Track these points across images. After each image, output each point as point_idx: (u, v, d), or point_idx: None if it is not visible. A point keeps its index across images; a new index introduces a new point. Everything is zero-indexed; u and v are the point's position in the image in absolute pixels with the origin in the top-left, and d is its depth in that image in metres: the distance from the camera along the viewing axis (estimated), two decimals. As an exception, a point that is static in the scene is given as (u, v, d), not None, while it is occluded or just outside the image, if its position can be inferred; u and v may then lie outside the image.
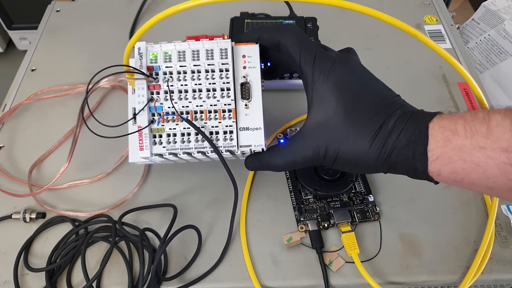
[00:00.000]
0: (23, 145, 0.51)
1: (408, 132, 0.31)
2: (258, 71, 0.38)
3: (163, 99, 0.38)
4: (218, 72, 0.38)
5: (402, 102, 0.34)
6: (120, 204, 0.45)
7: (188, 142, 0.37)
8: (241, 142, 0.37)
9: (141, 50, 0.39)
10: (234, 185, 0.40)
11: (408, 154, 0.31)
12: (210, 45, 0.38)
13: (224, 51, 0.38)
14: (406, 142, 0.31)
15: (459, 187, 0.31)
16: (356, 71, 0.35)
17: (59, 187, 0.47)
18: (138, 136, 0.37)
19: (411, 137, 0.31)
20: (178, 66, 0.38)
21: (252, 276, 0.40)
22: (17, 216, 0.44)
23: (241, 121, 0.38)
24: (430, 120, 0.31)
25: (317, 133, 0.34)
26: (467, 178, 0.29)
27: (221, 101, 0.38)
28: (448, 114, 0.31)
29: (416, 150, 0.31)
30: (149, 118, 0.37)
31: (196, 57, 0.38)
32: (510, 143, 0.26)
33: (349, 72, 0.34)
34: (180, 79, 0.38)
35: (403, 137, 0.31)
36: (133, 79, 0.38)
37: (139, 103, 0.37)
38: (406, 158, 0.31)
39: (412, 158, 0.31)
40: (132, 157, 0.39)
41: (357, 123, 0.33)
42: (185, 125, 0.37)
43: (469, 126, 0.29)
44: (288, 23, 0.51)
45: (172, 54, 0.39)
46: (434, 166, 0.30)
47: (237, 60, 0.38)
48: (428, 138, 0.30)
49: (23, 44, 1.30)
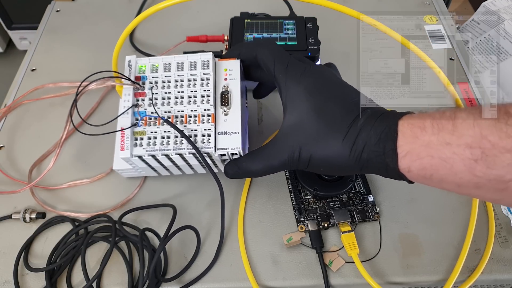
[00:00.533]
0: (23, 145, 0.51)
1: (378, 129, 0.32)
2: (238, 82, 0.41)
3: (147, 105, 0.40)
4: (200, 81, 0.41)
5: (374, 104, 0.35)
6: (121, 205, 0.45)
7: (167, 144, 0.39)
8: (218, 145, 0.39)
9: (131, 62, 0.42)
10: (218, 182, 0.41)
11: (379, 151, 0.32)
12: (193, 57, 0.42)
13: (206, 62, 0.42)
14: (377, 139, 0.32)
15: (430, 185, 0.32)
16: (327, 77, 0.37)
17: (59, 187, 0.47)
18: (120, 138, 0.39)
19: (381, 134, 0.32)
20: (164, 76, 0.42)
21: (249, 276, 0.40)
22: (17, 216, 0.44)
23: (220, 126, 0.40)
24: (400, 118, 0.32)
25: (290, 136, 0.36)
26: (436, 175, 0.30)
27: (201, 106, 0.40)
28: (418, 113, 0.32)
29: (386, 147, 0.31)
30: (132, 121, 0.40)
31: (181, 68, 0.42)
32: (473, 139, 0.27)
33: (320, 77, 0.36)
34: (164, 87, 0.41)
35: (373, 135, 0.32)
36: (121, 84, 0.40)
37: (124, 107, 0.40)
38: (377, 155, 0.32)
39: (383, 155, 0.31)
40: (117, 165, 0.43)
41: (328, 123, 0.34)
42: (165, 129, 0.40)
43: (436, 123, 0.29)
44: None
45: (158, 66, 0.42)
46: (404, 162, 0.31)
47: (219, 73, 0.42)
48: (398, 134, 0.31)
49: (23, 44, 1.30)
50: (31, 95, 0.56)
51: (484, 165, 0.27)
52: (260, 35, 0.53)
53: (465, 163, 0.28)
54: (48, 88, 0.57)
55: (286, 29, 0.53)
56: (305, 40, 0.52)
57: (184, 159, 0.40)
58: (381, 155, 0.32)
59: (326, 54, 0.59)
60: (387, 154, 0.31)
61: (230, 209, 0.45)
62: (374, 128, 0.32)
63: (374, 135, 0.32)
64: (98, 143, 0.49)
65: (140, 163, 0.41)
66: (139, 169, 0.43)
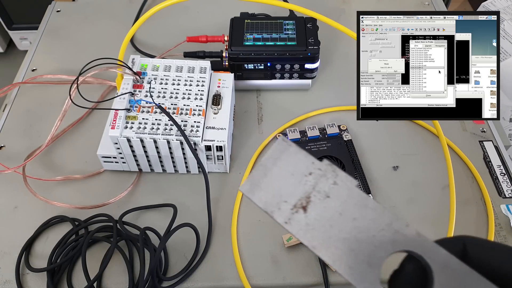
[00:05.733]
0: (23, 145, 0.51)
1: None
2: (230, 90, 0.47)
3: (143, 96, 0.44)
4: (196, 82, 0.45)
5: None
6: (115, 201, 0.45)
7: (157, 129, 0.42)
8: (205, 137, 0.43)
9: (135, 60, 0.47)
10: (203, 171, 0.44)
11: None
12: (192, 63, 0.47)
13: (204, 68, 0.46)
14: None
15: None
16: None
17: (52, 179, 0.47)
18: (113, 118, 0.42)
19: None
20: (163, 75, 0.46)
21: (241, 274, 0.40)
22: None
23: (209, 121, 0.44)
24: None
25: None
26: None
27: (194, 102, 0.44)
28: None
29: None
30: (127, 106, 0.43)
31: (180, 70, 0.46)
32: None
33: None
34: (162, 83, 0.45)
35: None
36: (122, 72, 0.44)
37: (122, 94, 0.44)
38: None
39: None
40: (102, 150, 0.45)
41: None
42: (156, 117, 0.43)
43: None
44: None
45: (159, 66, 0.46)
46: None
47: (214, 81, 0.47)
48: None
49: (23, 44, 1.30)
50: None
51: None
52: (260, 35, 0.53)
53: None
54: (48, 87, 0.57)
55: (286, 29, 0.53)
56: (305, 40, 0.52)
57: (170, 149, 0.43)
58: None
59: (326, 54, 0.59)
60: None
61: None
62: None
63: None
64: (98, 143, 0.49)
65: (126, 149, 0.43)
66: (123, 159, 0.45)
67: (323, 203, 0.22)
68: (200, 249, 0.42)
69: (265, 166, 0.23)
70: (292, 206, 0.22)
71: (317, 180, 0.22)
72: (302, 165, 0.22)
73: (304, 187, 0.22)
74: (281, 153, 0.23)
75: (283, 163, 0.23)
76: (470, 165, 0.49)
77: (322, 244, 0.21)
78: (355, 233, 0.21)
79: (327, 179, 0.22)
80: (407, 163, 0.49)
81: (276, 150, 0.23)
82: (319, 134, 0.50)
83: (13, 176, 0.47)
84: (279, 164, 0.23)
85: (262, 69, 0.53)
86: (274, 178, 0.23)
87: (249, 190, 0.23)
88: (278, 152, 0.23)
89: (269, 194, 0.23)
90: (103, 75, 0.53)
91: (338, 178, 0.22)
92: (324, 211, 0.22)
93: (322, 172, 0.22)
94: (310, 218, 0.22)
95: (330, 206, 0.21)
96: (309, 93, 0.57)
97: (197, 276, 0.41)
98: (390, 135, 0.52)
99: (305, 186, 0.22)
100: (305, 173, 0.22)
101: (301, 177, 0.22)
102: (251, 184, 0.23)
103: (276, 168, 0.23)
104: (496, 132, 0.52)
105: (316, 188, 0.22)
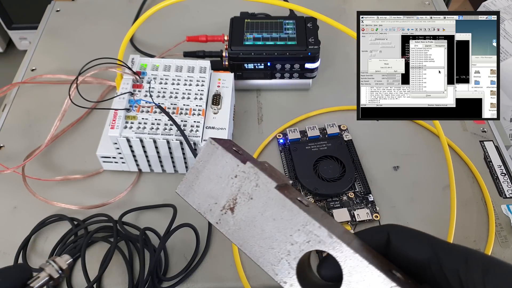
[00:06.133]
0: (22, 145, 0.51)
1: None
2: (230, 90, 0.46)
3: (143, 96, 0.44)
4: (195, 82, 0.45)
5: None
6: (114, 201, 0.45)
7: (156, 129, 0.42)
8: (205, 137, 0.42)
9: (134, 59, 0.46)
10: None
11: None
12: (192, 63, 0.46)
13: (204, 68, 0.46)
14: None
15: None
16: None
17: (51, 179, 0.47)
18: (112, 117, 0.42)
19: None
20: (163, 74, 0.45)
21: (241, 274, 0.40)
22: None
23: (209, 121, 0.44)
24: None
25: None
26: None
27: (193, 102, 0.44)
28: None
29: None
30: (126, 106, 0.43)
31: (179, 70, 0.46)
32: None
33: None
34: (162, 83, 0.45)
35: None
36: (122, 72, 0.44)
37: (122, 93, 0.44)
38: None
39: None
40: (101, 150, 0.45)
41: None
42: (156, 117, 0.42)
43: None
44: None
45: (159, 66, 0.46)
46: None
47: (213, 81, 0.47)
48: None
49: (23, 44, 1.30)
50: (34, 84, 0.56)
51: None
52: (260, 35, 0.53)
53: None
54: (48, 86, 0.57)
55: (286, 29, 0.53)
56: (305, 40, 0.52)
57: (170, 149, 0.43)
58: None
59: (326, 54, 0.59)
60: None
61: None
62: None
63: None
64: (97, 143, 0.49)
65: (125, 149, 0.43)
66: (122, 159, 0.45)
67: (248, 205, 0.23)
68: (200, 249, 0.42)
69: (196, 169, 0.25)
70: (221, 207, 0.24)
71: (241, 183, 0.23)
72: (228, 167, 0.24)
73: (231, 189, 0.23)
74: (210, 156, 0.24)
75: (212, 166, 0.24)
76: (470, 165, 0.48)
77: (247, 243, 0.23)
78: (275, 233, 0.22)
79: (250, 181, 0.23)
80: (408, 163, 0.49)
81: (205, 153, 0.24)
82: (319, 134, 0.50)
83: (12, 176, 0.47)
84: (208, 167, 0.24)
85: (262, 69, 0.53)
86: (205, 180, 0.24)
87: (185, 192, 0.25)
88: (207, 155, 0.24)
89: (202, 196, 0.24)
90: (102, 75, 0.53)
91: (259, 180, 0.23)
92: (248, 212, 0.23)
93: (246, 175, 0.23)
94: (237, 218, 0.23)
95: (253, 207, 0.23)
96: (309, 93, 0.57)
97: (197, 276, 0.41)
98: (390, 135, 0.52)
99: (231, 188, 0.23)
100: (231, 175, 0.23)
101: (228, 180, 0.24)
102: (185, 187, 0.25)
103: (206, 171, 0.24)
104: (497, 132, 0.52)
105: (241, 190, 0.23)
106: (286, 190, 0.23)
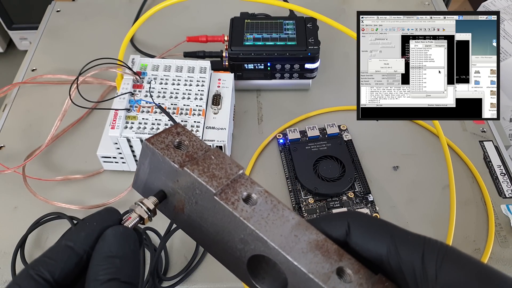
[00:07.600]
0: (23, 145, 0.51)
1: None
2: (230, 90, 0.46)
3: (143, 96, 0.44)
4: (196, 82, 0.45)
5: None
6: (115, 201, 0.45)
7: (157, 129, 0.42)
8: (205, 137, 0.43)
9: (134, 60, 0.47)
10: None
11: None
12: (192, 63, 0.47)
13: (204, 68, 0.46)
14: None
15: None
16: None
17: (51, 179, 0.47)
18: (113, 117, 0.42)
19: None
20: (163, 74, 0.46)
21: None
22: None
23: (209, 121, 0.44)
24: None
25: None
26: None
27: (194, 102, 0.44)
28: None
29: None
30: (126, 106, 0.43)
31: (179, 70, 0.46)
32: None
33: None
34: (162, 83, 0.45)
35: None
36: (122, 72, 0.44)
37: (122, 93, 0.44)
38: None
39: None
40: (101, 150, 0.45)
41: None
42: (157, 117, 0.43)
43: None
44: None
45: (159, 66, 0.46)
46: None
47: (214, 81, 0.47)
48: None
49: (23, 44, 1.30)
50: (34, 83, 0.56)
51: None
52: (260, 35, 0.53)
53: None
54: (48, 87, 0.57)
55: (286, 29, 0.53)
56: (305, 40, 0.52)
57: None
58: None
59: (326, 54, 0.59)
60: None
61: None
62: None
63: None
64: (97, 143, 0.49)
65: (126, 149, 0.43)
66: (122, 159, 0.45)
67: (196, 207, 0.23)
68: (200, 249, 0.42)
69: (142, 168, 0.24)
70: (173, 207, 0.24)
71: (184, 187, 0.23)
72: (169, 170, 0.23)
73: (179, 193, 0.23)
74: (149, 158, 0.24)
75: (154, 168, 0.24)
76: (470, 165, 0.49)
77: (203, 244, 0.24)
78: (227, 234, 0.22)
79: (194, 188, 0.22)
80: (407, 163, 0.49)
81: (143, 155, 0.24)
82: (319, 134, 0.50)
83: (13, 176, 0.47)
84: (151, 168, 0.24)
85: (262, 69, 0.53)
86: (152, 179, 0.24)
87: (137, 189, 0.26)
88: (146, 157, 0.24)
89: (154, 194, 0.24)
90: (103, 75, 0.53)
91: (199, 187, 0.22)
92: (198, 213, 0.23)
93: (186, 179, 0.23)
94: (190, 217, 0.23)
95: (201, 209, 0.23)
96: (309, 93, 0.57)
97: (197, 276, 0.41)
98: (390, 135, 0.52)
99: (179, 191, 0.23)
100: (174, 179, 0.23)
101: (173, 183, 0.23)
102: (137, 185, 0.26)
103: (151, 173, 0.24)
104: (496, 132, 0.52)
105: (187, 194, 0.23)
106: (230, 190, 0.22)
